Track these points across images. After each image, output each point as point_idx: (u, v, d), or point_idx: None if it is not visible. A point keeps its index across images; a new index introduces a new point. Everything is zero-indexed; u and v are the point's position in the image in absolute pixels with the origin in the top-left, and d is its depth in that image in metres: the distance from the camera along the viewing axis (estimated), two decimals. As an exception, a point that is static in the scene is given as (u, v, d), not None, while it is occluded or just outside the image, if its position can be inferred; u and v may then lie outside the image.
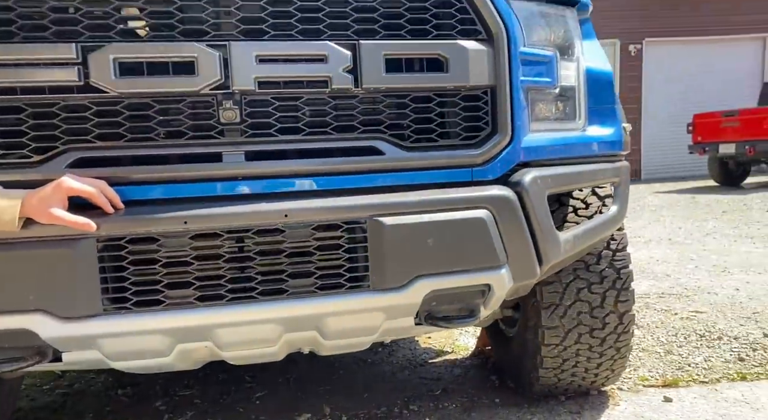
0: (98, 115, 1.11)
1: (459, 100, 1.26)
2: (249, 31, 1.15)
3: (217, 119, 1.14)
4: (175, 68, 1.11)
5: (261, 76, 1.13)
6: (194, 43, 1.11)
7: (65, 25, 1.09)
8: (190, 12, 1.13)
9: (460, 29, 1.25)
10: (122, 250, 1.05)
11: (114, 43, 1.09)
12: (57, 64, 1.06)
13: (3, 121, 1.08)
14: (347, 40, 1.17)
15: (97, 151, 1.11)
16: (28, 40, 1.08)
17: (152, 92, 1.11)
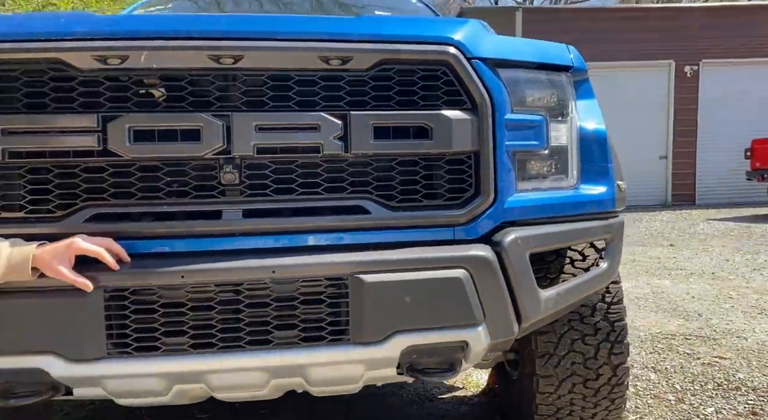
0: (113, 176, 1.25)
1: (443, 164, 1.34)
2: (250, 102, 1.27)
3: (219, 180, 1.26)
4: (183, 135, 1.24)
5: (259, 143, 1.24)
6: (200, 113, 1.23)
7: (89, 97, 1.24)
8: (198, 85, 1.26)
9: (445, 99, 1.33)
10: (125, 300, 1.17)
11: (130, 113, 1.23)
12: (81, 132, 1.21)
13: (32, 180, 1.24)
14: (339, 111, 1.27)
15: (112, 207, 1.24)
16: (58, 110, 1.23)
17: (161, 157, 1.24)
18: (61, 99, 1.24)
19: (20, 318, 1.14)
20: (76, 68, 1.23)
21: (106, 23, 1.26)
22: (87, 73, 1.24)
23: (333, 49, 1.27)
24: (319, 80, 1.29)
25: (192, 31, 1.25)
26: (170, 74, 1.26)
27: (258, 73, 1.27)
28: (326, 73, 1.29)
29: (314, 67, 1.28)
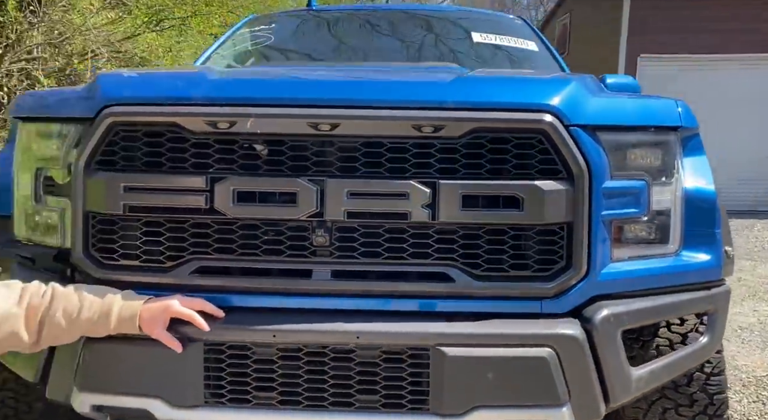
0: (217, 232, 1.34)
1: (533, 234, 1.31)
2: (343, 167, 1.32)
3: (311, 241, 1.32)
4: (281, 198, 1.31)
5: (350, 208, 1.28)
6: (297, 178, 1.29)
7: (199, 158, 1.34)
8: (297, 150, 1.32)
9: (540, 168, 1.30)
10: (222, 353, 1.26)
11: (234, 176, 1.31)
12: (191, 191, 1.32)
13: (147, 232, 1.36)
14: (428, 179, 1.28)
15: (214, 261, 1.34)
16: (172, 170, 1.34)
17: (261, 218, 1.31)
18: (174, 159, 1.35)
19: (133, 363, 1.26)
20: (190, 131, 1.33)
21: (217, 88, 1.36)
22: (198, 135, 1.34)
23: (426, 117, 1.28)
24: (411, 147, 1.31)
25: (294, 99, 1.32)
26: (272, 139, 1.33)
27: (352, 140, 1.31)
28: (418, 140, 1.30)
29: (407, 134, 1.30)
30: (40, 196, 1.52)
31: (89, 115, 1.38)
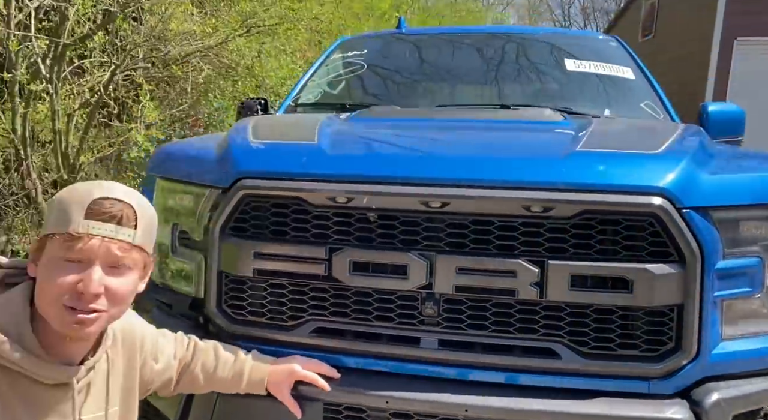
0: (334, 297, 1.46)
1: (642, 315, 1.32)
2: (452, 243, 1.39)
3: (420, 311, 1.41)
4: (393, 269, 1.40)
5: (458, 283, 1.36)
6: (408, 252, 1.38)
7: (320, 229, 1.46)
8: (409, 225, 1.40)
9: (650, 251, 1.30)
10: (340, 414, 1.38)
11: (351, 248, 1.42)
12: (312, 260, 1.44)
13: (272, 293, 1.50)
14: (537, 258, 1.33)
15: (331, 323, 1.46)
16: (295, 239, 1.47)
17: (373, 287, 1.42)
18: (298, 229, 1.48)
19: (261, 417, 1.41)
20: (311, 204, 1.45)
21: (336, 166, 1.47)
22: (319, 208, 1.45)
23: (535, 198, 1.32)
24: (520, 226, 1.35)
25: (405, 178, 1.40)
26: (386, 213, 1.42)
27: (462, 217, 1.38)
28: (527, 219, 1.35)
29: (516, 213, 1.35)
30: (176, 248, 1.71)
31: (224, 186, 1.53)
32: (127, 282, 1.02)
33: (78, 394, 1.04)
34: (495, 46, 3.01)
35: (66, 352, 1.01)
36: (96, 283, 0.94)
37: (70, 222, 0.93)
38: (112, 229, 0.96)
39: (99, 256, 0.95)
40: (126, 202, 0.99)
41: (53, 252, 0.95)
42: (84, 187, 0.98)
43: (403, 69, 3.01)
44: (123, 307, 1.04)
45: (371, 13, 11.01)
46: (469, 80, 2.88)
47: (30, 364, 0.93)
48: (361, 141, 1.71)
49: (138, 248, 1.02)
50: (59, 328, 0.96)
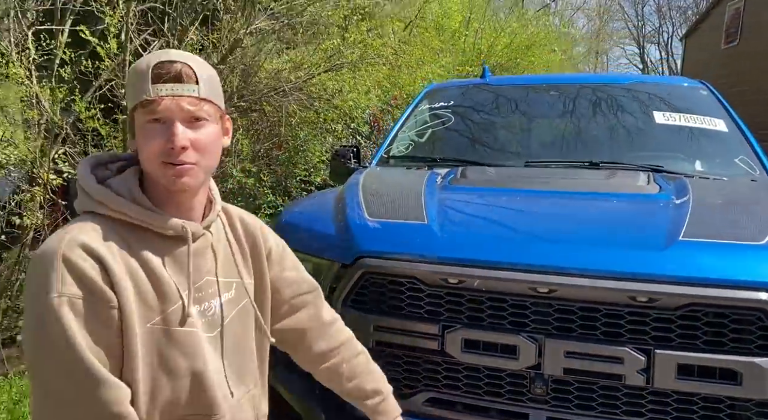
0: (445, 370, 1.61)
1: (751, 406, 1.37)
2: (560, 327, 1.50)
3: (528, 389, 1.52)
4: (502, 349, 1.53)
5: (566, 366, 1.46)
6: (518, 334, 1.51)
7: (433, 306, 1.61)
8: (517, 308, 1.53)
9: (759, 344, 1.36)
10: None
11: (463, 327, 1.56)
12: (426, 336, 1.59)
13: (390, 363, 1.67)
14: (643, 346, 1.41)
15: (443, 395, 1.61)
16: (411, 315, 1.63)
17: (483, 364, 1.55)
18: (413, 305, 1.64)
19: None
20: (425, 283, 1.61)
21: (448, 249, 1.62)
22: (433, 287, 1.61)
23: (640, 290, 1.41)
24: (626, 315, 1.44)
25: (514, 265, 1.53)
26: (495, 296, 1.55)
27: (569, 304, 1.49)
28: (633, 308, 1.44)
29: (621, 302, 1.44)
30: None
31: (346, 262, 1.72)
32: (207, 132, 1.06)
33: (194, 250, 1.10)
34: (581, 96, 3.06)
35: (177, 210, 1.10)
36: (180, 137, 1.02)
37: (142, 91, 1.02)
38: (177, 88, 1.03)
39: (175, 114, 1.03)
40: (182, 62, 1.05)
41: (139, 120, 1.05)
42: (144, 58, 1.06)
43: (489, 121, 3.12)
44: (212, 157, 1.09)
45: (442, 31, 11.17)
46: (555, 133, 2.95)
47: (144, 215, 1.04)
48: (467, 221, 1.85)
49: (206, 101, 1.07)
50: (164, 183, 1.05)
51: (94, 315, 0.96)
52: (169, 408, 1.05)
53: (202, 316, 1.10)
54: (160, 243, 1.06)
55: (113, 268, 0.98)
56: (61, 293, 0.94)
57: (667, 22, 36.67)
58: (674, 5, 35.60)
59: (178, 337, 1.05)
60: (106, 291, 0.97)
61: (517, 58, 11.41)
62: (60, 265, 0.95)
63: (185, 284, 1.07)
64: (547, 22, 15.27)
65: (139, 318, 1.00)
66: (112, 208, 1.03)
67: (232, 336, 1.16)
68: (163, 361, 1.04)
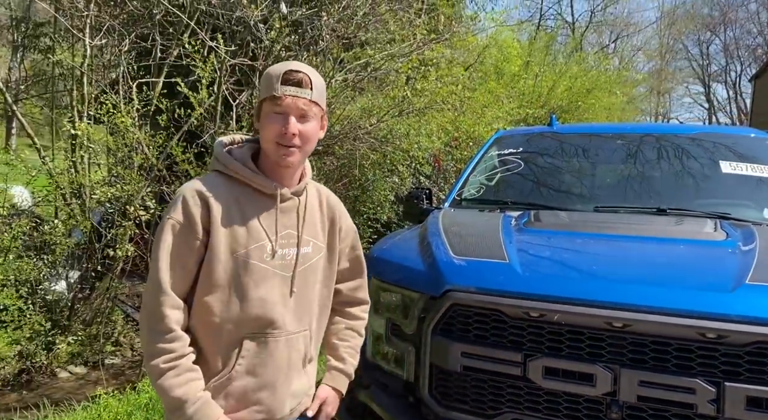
0: (527, 395, 1.80)
1: (818, 439, 1.49)
2: (634, 359, 1.67)
3: (605, 414, 1.69)
4: (581, 377, 1.71)
5: (641, 394, 1.63)
6: (595, 364, 1.69)
7: (516, 337, 1.82)
8: (593, 340, 1.71)
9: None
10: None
11: (544, 356, 1.76)
12: (509, 362, 1.80)
13: (475, 386, 1.87)
14: (713, 378, 1.56)
15: (525, 417, 1.79)
16: (495, 344, 1.84)
17: (563, 390, 1.73)
18: (497, 335, 1.85)
19: None
20: (509, 316, 1.83)
21: (529, 286, 1.84)
22: (515, 320, 1.82)
23: (709, 327, 1.57)
24: (696, 349, 1.60)
25: (591, 301, 1.72)
26: (573, 329, 1.74)
27: (642, 337, 1.66)
28: (703, 344, 1.59)
29: (691, 337, 1.60)
30: (390, 338, 2.17)
31: (434, 294, 1.96)
32: (311, 126, 1.40)
33: (282, 208, 1.42)
34: (647, 144, 3.23)
35: (278, 179, 1.43)
36: (292, 126, 1.36)
37: (272, 88, 1.36)
38: (297, 90, 1.36)
39: (292, 110, 1.36)
40: (304, 72, 1.38)
41: (266, 109, 1.39)
42: (278, 66, 1.40)
43: (557, 167, 3.33)
44: (311, 145, 1.42)
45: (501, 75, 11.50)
46: (623, 179, 3.11)
47: (250, 175, 1.39)
48: (545, 261, 2.06)
49: (315, 103, 1.40)
50: (274, 156, 1.39)
51: (185, 238, 1.32)
52: (238, 322, 1.34)
53: (281, 258, 1.40)
54: (259, 198, 1.40)
55: (214, 209, 1.34)
56: (171, 217, 1.33)
57: (735, 61, 35.61)
58: (742, 44, 34.60)
59: (253, 268, 1.35)
60: (199, 226, 1.32)
61: (578, 101, 11.53)
62: (179, 200, 1.34)
63: (272, 230, 1.39)
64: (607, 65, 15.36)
65: (226, 247, 1.33)
66: (228, 168, 1.40)
67: (301, 281, 1.44)
68: (239, 284, 1.34)
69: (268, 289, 1.37)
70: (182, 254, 1.33)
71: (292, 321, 1.42)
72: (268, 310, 1.37)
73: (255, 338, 1.37)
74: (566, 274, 1.92)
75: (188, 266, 1.33)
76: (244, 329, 1.36)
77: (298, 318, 1.44)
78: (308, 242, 1.47)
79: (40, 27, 8.62)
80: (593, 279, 1.84)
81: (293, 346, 1.43)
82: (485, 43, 10.63)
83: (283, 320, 1.40)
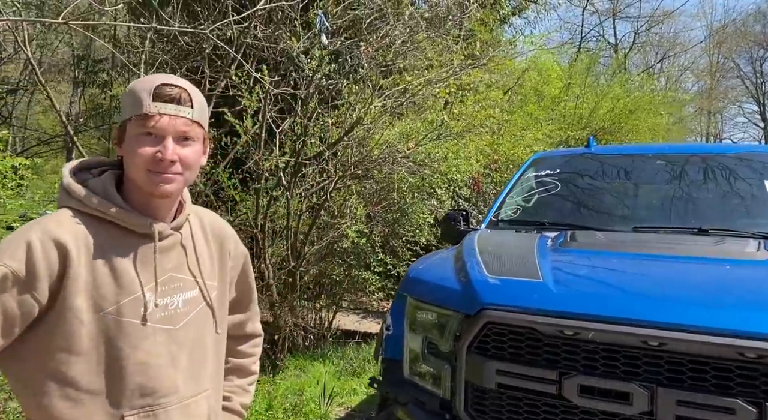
0: (563, 413, 1.80)
1: None
2: (671, 378, 1.65)
3: (642, 434, 1.67)
4: (616, 395, 1.70)
5: (678, 413, 1.61)
6: (631, 382, 1.68)
7: (550, 355, 1.83)
8: (629, 358, 1.71)
9: None
10: None
11: (579, 374, 1.76)
12: (544, 380, 1.81)
13: (510, 404, 1.89)
14: (753, 399, 1.53)
15: (561, 435, 1.79)
16: (530, 362, 1.86)
17: (598, 408, 1.73)
18: (532, 353, 1.87)
19: None
20: (543, 334, 1.84)
21: (563, 304, 1.85)
22: (549, 338, 1.84)
23: (749, 347, 1.55)
24: (735, 368, 1.58)
25: (626, 320, 1.72)
26: (608, 347, 1.74)
27: (679, 356, 1.65)
28: (742, 363, 1.57)
29: (730, 357, 1.58)
30: (426, 355, 2.21)
31: (469, 313, 2.00)
32: (193, 151, 1.17)
33: (161, 248, 1.16)
34: (687, 165, 3.19)
35: (152, 212, 1.18)
36: (170, 152, 1.12)
37: (142, 105, 1.11)
38: (174, 108, 1.12)
39: (169, 131, 1.12)
40: (181, 87, 1.15)
41: (133, 131, 1.13)
42: (146, 78, 1.16)
43: (594, 188, 3.32)
44: (193, 172, 1.20)
45: (541, 98, 11.48)
46: (661, 199, 3.08)
47: (116, 212, 1.12)
48: (579, 280, 2.07)
49: (197, 123, 1.17)
50: (147, 187, 1.13)
51: (16, 296, 1.03)
52: (114, 396, 1.09)
53: (164, 310, 1.16)
54: (130, 239, 1.14)
55: (73, 259, 1.05)
56: (4, 264, 1.02)
57: (791, 80, 34.23)
58: (798, 60, 33.29)
59: (127, 328, 1.10)
60: (43, 283, 1.04)
61: (621, 122, 11.36)
62: (21, 244, 1.04)
63: (149, 277, 1.14)
64: (652, 85, 15.08)
65: (90, 306, 1.07)
66: (86, 204, 1.12)
67: (192, 332, 1.21)
68: (110, 349, 1.08)
69: (149, 351, 1.12)
70: (9, 317, 1.03)
71: (187, 383, 1.19)
72: (152, 377, 1.12)
73: (141, 414, 1.12)
74: (601, 292, 1.93)
75: (10, 333, 1.05)
76: (123, 404, 1.11)
77: (194, 378, 1.21)
78: (195, 284, 1.24)
79: (98, 64, 9.24)
80: (628, 297, 1.84)
81: (192, 414, 1.20)
82: (524, 67, 10.67)
83: (175, 385, 1.16)
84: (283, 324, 5.33)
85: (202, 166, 1.27)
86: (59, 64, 10.22)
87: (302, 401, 3.94)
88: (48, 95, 5.05)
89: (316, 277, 6.40)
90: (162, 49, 5.99)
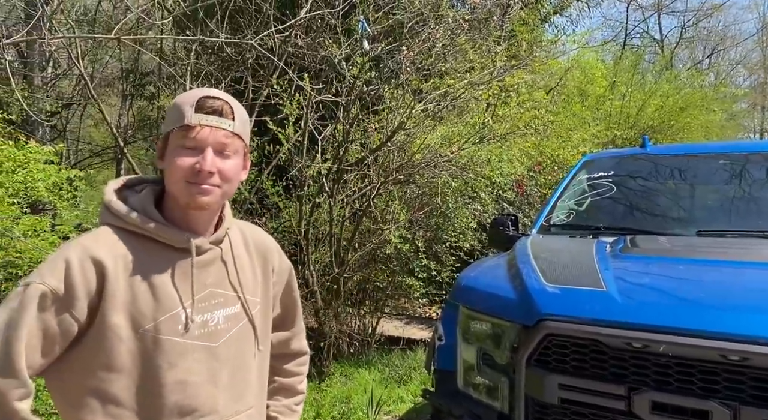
0: (633, 431, 1.69)
1: None
2: (756, 396, 1.52)
3: (725, 455, 1.55)
4: (693, 413, 1.58)
5: (766, 434, 1.48)
6: (710, 399, 1.56)
7: (617, 369, 1.72)
8: (706, 374, 1.59)
9: None
10: None
11: (651, 390, 1.65)
12: (612, 396, 1.70)
13: (573, 418, 1.79)
14: None
15: (631, 454, 1.68)
16: (595, 376, 1.75)
17: (674, 428, 1.61)
18: (597, 366, 1.77)
19: None
20: (608, 346, 1.74)
21: (630, 314, 1.74)
22: (616, 351, 1.73)
23: None
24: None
25: (702, 332, 1.60)
26: (682, 362, 1.63)
27: (764, 373, 1.52)
28: (838, 381, 1.43)
29: (825, 374, 1.44)
30: (481, 367, 2.13)
31: (528, 324, 1.91)
32: (233, 164, 1.15)
33: (199, 263, 1.14)
34: (752, 164, 2.99)
35: (191, 227, 1.15)
36: (209, 163, 1.10)
37: (184, 117, 1.10)
38: (215, 120, 1.11)
39: (209, 142, 1.10)
40: (223, 100, 1.14)
41: (174, 143, 1.12)
42: (190, 92, 1.16)
43: (652, 190, 3.16)
44: (232, 186, 1.17)
45: (585, 97, 11.16)
46: (724, 202, 2.90)
47: (154, 227, 1.10)
48: (646, 289, 1.95)
49: (237, 136, 1.15)
50: (184, 198, 1.11)
51: (56, 315, 1.02)
52: (154, 414, 1.07)
53: (203, 326, 1.13)
54: (167, 254, 1.12)
55: (110, 277, 1.04)
56: (44, 283, 1.01)
57: None
58: None
59: (165, 346, 1.07)
60: (82, 302, 1.03)
61: (671, 121, 10.92)
62: (60, 262, 1.03)
63: (188, 293, 1.11)
64: (701, 81, 14.47)
65: (128, 324, 1.05)
66: (125, 220, 1.11)
67: (233, 349, 1.18)
68: (149, 368, 1.07)
69: (188, 368, 1.10)
70: (49, 336, 1.03)
71: (228, 402, 1.16)
72: (190, 395, 1.10)
73: None
74: (671, 302, 1.81)
75: (50, 352, 1.04)
76: None
77: (235, 397, 1.18)
78: (237, 299, 1.21)
79: (146, 76, 9.54)
80: (703, 307, 1.72)
81: None
82: (567, 66, 10.40)
83: (214, 404, 1.13)
84: (328, 330, 5.33)
85: (242, 180, 1.24)
86: (108, 78, 10.61)
87: (350, 409, 3.90)
88: (100, 108, 5.21)
89: (360, 283, 6.38)
90: (206, 61, 6.12)
